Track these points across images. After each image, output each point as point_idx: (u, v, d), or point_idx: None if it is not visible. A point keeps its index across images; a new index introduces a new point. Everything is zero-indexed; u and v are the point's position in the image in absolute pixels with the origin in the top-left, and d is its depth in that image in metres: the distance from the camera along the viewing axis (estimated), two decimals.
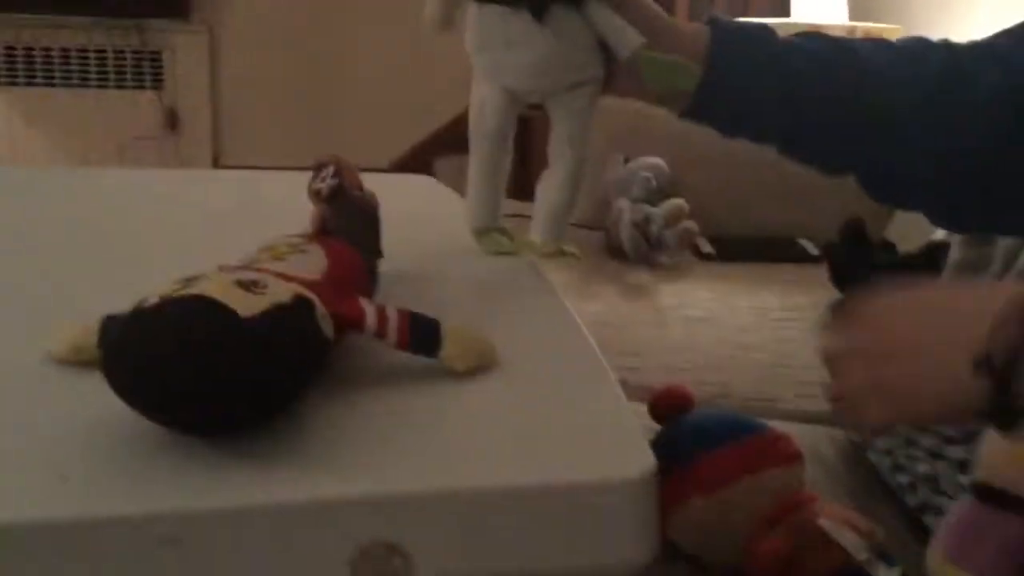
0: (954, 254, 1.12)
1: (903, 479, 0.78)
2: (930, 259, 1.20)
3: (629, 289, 1.47)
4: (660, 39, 0.69)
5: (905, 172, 0.70)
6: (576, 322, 0.68)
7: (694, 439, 0.65)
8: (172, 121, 3.28)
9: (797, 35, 0.72)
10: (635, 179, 1.61)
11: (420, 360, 0.56)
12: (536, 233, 0.80)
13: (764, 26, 0.72)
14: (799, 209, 1.67)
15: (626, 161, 1.65)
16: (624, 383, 1.26)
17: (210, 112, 3.30)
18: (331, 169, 0.69)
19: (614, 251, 1.58)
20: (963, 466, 0.71)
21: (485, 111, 0.76)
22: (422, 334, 0.55)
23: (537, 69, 0.72)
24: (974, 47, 0.72)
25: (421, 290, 0.72)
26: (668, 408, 0.69)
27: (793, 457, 0.65)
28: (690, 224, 1.54)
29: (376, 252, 0.69)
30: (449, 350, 0.55)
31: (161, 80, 3.26)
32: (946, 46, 0.72)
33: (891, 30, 2.04)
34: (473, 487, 0.45)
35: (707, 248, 1.61)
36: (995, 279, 1.00)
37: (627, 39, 0.69)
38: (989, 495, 0.51)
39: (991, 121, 0.66)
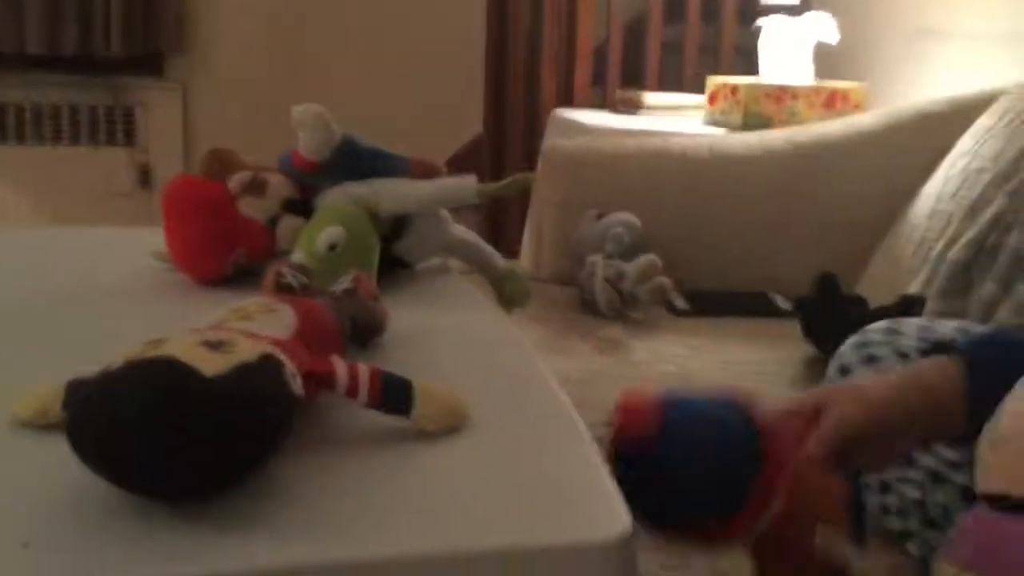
0: (930, 307, 1.13)
1: (891, 500, 0.76)
2: (905, 313, 1.21)
3: (603, 345, 1.47)
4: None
5: None
6: (548, 380, 0.67)
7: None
8: (145, 178, 3.27)
9: None
10: (608, 235, 1.61)
11: (391, 420, 0.55)
12: None
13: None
14: (771, 264, 1.68)
15: (599, 217, 1.66)
16: (600, 441, 1.25)
17: (183, 169, 3.30)
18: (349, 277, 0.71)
19: (587, 307, 1.58)
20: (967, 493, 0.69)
21: None
22: (393, 393, 0.55)
23: None
24: None
25: (391, 346, 0.71)
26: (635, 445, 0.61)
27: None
28: (663, 280, 1.54)
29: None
30: (421, 410, 0.55)
31: (134, 137, 3.26)
32: None
33: (857, 89, 2.08)
34: (445, 552, 0.44)
35: (680, 303, 1.61)
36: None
37: None
38: (1005, 505, 0.50)
39: None
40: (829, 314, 1.32)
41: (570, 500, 0.49)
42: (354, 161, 0.91)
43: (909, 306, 1.19)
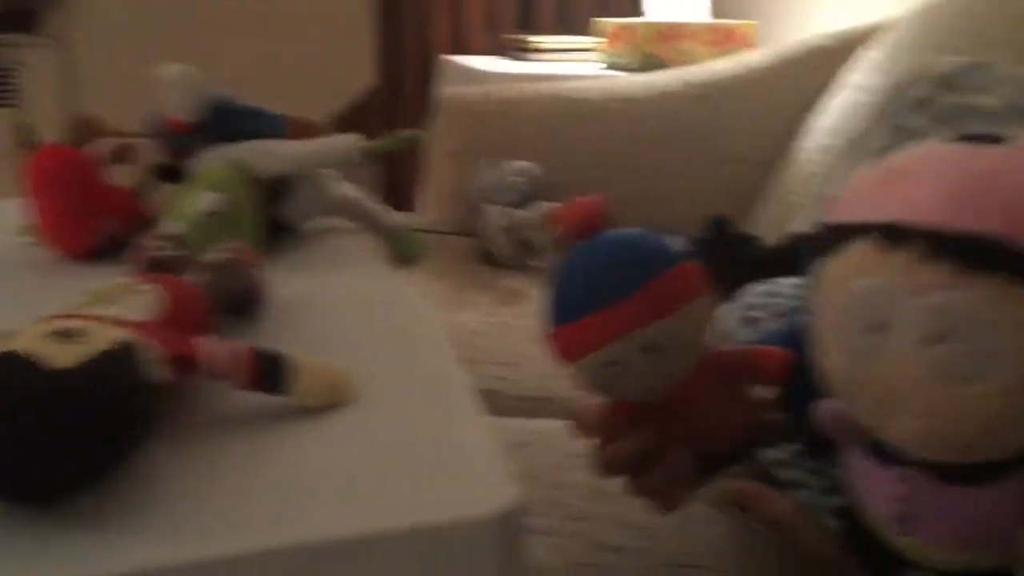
0: None
1: (780, 453, 0.77)
2: (794, 249, 1.23)
3: (504, 296, 1.46)
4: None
5: None
6: (440, 343, 0.66)
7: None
8: (28, 139, 3.12)
9: None
10: (505, 183, 1.59)
11: (270, 400, 0.53)
12: None
13: None
14: (669, 205, 1.69)
15: (495, 165, 1.64)
16: (500, 394, 1.24)
17: (65, 127, 3.15)
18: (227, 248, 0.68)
19: (487, 258, 1.57)
20: None
21: None
22: (269, 371, 0.52)
23: None
24: None
25: (275, 317, 0.69)
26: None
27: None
28: None
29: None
30: (300, 386, 0.53)
31: (15, 97, 3.10)
32: None
33: (748, 25, 2.09)
34: (320, 540, 0.43)
35: None
36: None
37: None
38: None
39: None
40: (724, 255, 1.33)
41: (454, 475, 0.48)
42: (229, 122, 0.87)
43: (798, 244, 1.21)
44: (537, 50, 2.27)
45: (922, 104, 1.04)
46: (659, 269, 0.56)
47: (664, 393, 0.59)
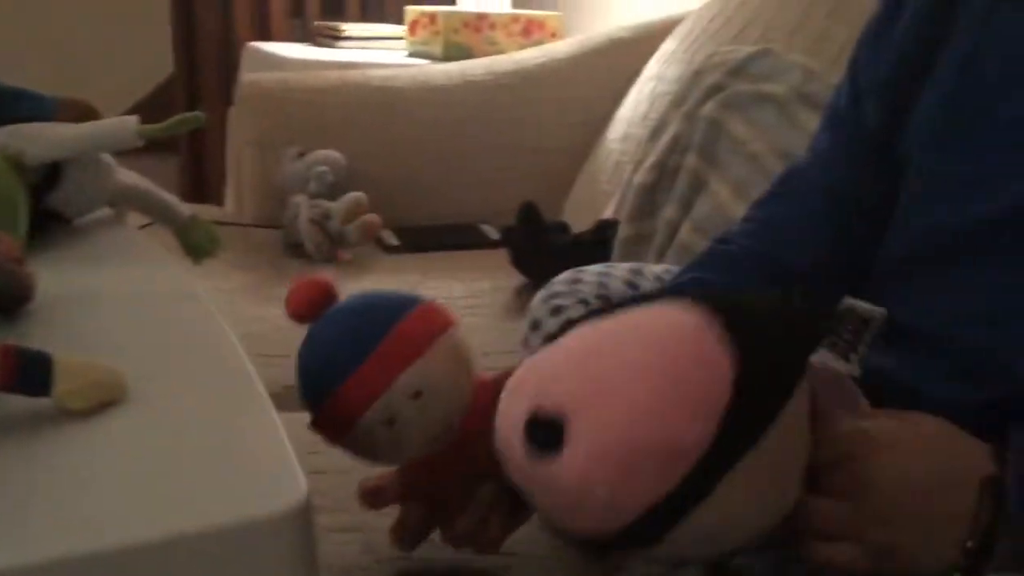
0: (622, 231, 1.17)
1: None
2: (601, 236, 1.25)
3: None
4: None
5: None
6: (226, 336, 0.62)
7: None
8: None
9: None
10: (311, 174, 1.55)
11: (32, 402, 0.48)
12: None
13: None
14: (478, 195, 1.68)
15: (300, 155, 1.59)
16: None
17: None
18: None
19: (295, 250, 1.52)
20: None
21: None
22: (28, 371, 0.47)
23: None
24: None
25: (42, 315, 0.63)
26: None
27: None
28: (371, 217, 1.50)
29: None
30: (63, 387, 0.48)
31: None
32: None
33: (553, 17, 2.11)
34: (91, 550, 0.38)
35: (391, 240, 1.58)
36: (657, 252, 1.05)
37: None
38: None
39: None
40: (534, 243, 1.34)
41: (237, 474, 0.44)
42: None
43: (604, 231, 1.23)
44: (344, 37, 2.22)
45: (714, 91, 1.07)
46: (392, 321, 0.57)
47: (449, 436, 0.58)
